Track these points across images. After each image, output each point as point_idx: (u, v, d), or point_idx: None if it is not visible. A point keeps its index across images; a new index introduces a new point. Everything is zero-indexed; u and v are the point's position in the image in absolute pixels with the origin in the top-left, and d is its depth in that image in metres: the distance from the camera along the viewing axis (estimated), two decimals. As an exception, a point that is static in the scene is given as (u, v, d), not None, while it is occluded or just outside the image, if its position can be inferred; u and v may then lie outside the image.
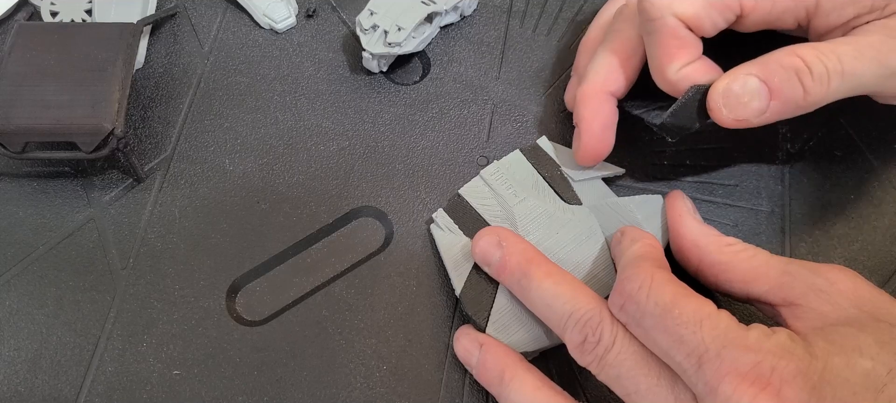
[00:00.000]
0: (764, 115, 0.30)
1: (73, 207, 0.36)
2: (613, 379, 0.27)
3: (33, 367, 0.32)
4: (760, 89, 0.30)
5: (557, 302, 0.28)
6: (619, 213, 0.33)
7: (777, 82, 0.29)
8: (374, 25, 0.38)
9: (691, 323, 0.25)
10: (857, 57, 0.29)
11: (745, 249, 0.29)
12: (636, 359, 0.27)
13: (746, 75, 0.30)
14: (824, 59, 0.29)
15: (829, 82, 0.29)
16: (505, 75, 0.40)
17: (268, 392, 0.32)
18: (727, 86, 0.30)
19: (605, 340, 0.27)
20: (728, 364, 0.24)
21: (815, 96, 0.29)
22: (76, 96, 0.35)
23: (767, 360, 0.24)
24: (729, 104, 0.30)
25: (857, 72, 0.29)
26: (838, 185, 0.36)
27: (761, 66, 0.30)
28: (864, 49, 0.30)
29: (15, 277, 0.34)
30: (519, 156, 0.36)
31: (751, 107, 0.30)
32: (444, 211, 0.35)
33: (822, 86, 0.29)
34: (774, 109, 0.30)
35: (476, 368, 0.30)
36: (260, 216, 0.36)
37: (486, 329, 0.31)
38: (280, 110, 0.39)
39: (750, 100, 0.30)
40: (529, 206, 0.34)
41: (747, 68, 0.30)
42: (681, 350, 0.25)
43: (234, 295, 0.34)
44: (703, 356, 0.24)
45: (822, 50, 0.30)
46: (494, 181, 0.35)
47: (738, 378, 0.24)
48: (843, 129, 0.38)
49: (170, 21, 0.42)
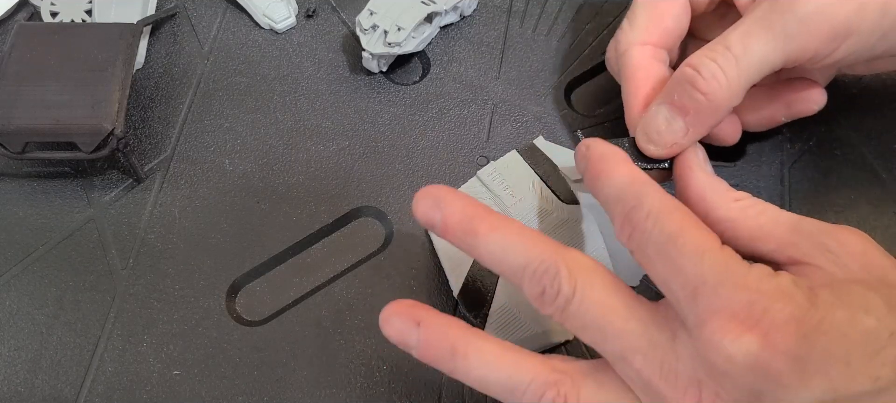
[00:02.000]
0: (688, 135, 0.30)
1: (73, 207, 0.36)
2: (579, 329, 0.26)
3: (33, 367, 0.32)
4: (669, 113, 0.30)
5: (509, 256, 0.27)
6: None
7: (678, 99, 0.30)
8: (373, 25, 0.38)
9: (693, 254, 0.24)
10: (745, 34, 0.29)
11: (754, 205, 0.28)
12: (600, 307, 0.25)
13: (656, 105, 0.31)
14: (712, 55, 0.29)
15: (725, 74, 0.29)
16: (505, 75, 0.40)
17: (268, 392, 0.32)
18: (643, 123, 0.31)
19: (565, 291, 0.25)
20: (721, 299, 0.23)
21: (718, 94, 0.29)
22: (76, 96, 0.35)
23: (761, 301, 0.23)
24: (653, 139, 0.31)
25: (751, 49, 0.29)
26: (838, 185, 0.36)
27: (665, 92, 0.31)
28: (750, 24, 0.29)
29: (15, 277, 0.34)
30: (515, 157, 0.36)
31: (672, 134, 0.30)
32: None
33: (718, 82, 0.29)
34: (693, 123, 0.30)
35: (417, 348, 0.27)
36: (260, 216, 0.36)
37: (484, 329, 0.31)
38: (280, 110, 0.39)
39: (667, 127, 0.30)
40: (527, 206, 0.34)
41: (658, 98, 0.31)
42: (678, 280, 0.24)
43: (234, 295, 0.34)
44: (699, 288, 0.24)
45: (711, 46, 0.30)
46: (491, 181, 0.35)
47: (728, 315, 0.23)
48: (843, 129, 0.37)
49: (170, 21, 0.42)
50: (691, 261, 0.24)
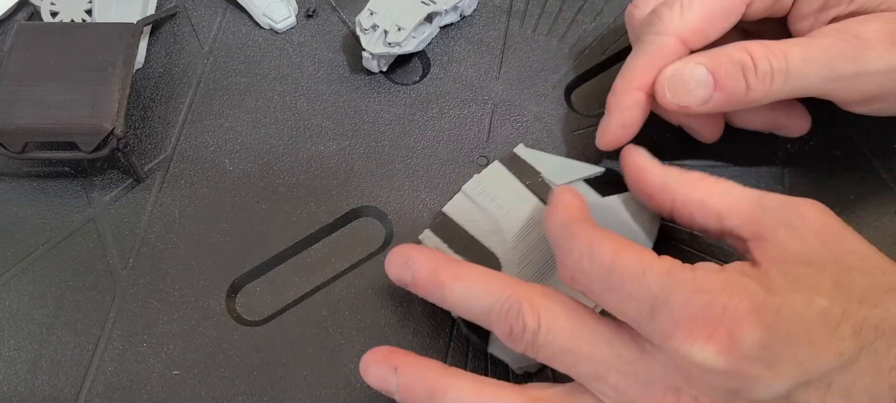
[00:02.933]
0: (706, 105, 0.31)
1: (73, 207, 0.36)
2: (551, 358, 0.27)
3: (33, 367, 0.32)
4: (706, 78, 0.31)
5: (473, 301, 0.28)
6: (605, 213, 0.33)
7: (723, 75, 0.30)
8: (374, 25, 0.38)
9: (635, 276, 0.25)
10: (805, 58, 0.30)
11: (717, 182, 0.29)
12: (566, 334, 0.26)
13: (696, 64, 0.31)
14: (771, 58, 0.30)
15: (772, 81, 0.30)
16: (505, 75, 0.40)
17: (268, 392, 0.32)
18: (676, 70, 0.31)
19: (530, 325, 0.26)
20: (678, 309, 0.24)
21: (757, 93, 0.30)
22: (76, 96, 0.35)
23: (717, 299, 0.24)
24: (674, 88, 0.31)
25: (803, 73, 0.30)
26: (838, 185, 0.36)
27: (711, 58, 0.31)
28: (814, 50, 0.30)
29: (15, 277, 0.34)
30: (498, 167, 0.35)
31: (694, 95, 0.31)
32: (431, 232, 0.34)
33: (764, 84, 0.30)
34: (717, 100, 0.31)
35: (398, 393, 0.28)
36: (260, 216, 0.36)
37: (488, 346, 0.31)
38: (280, 110, 0.39)
39: (695, 87, 0.31)
40: (516, 217, 0.34)
41: (697, 58, 0.31)
42: (631, 305, 0.25)
43: (234, 295, 0.34)
44: (654, 305, 0.24)
45: (772, 48, 0.30)
46: (477, 196, 0.35)
47: (689, 322, 0.24)
48: (843, 129, 0.37)
49: (170, 21, 0.42)
50: (635, 284, 0.25)
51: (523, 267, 0.32)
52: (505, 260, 0.33)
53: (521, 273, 0.32)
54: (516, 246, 0.33)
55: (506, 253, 0.33)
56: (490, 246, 0.33)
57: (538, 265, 0.33)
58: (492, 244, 0.33)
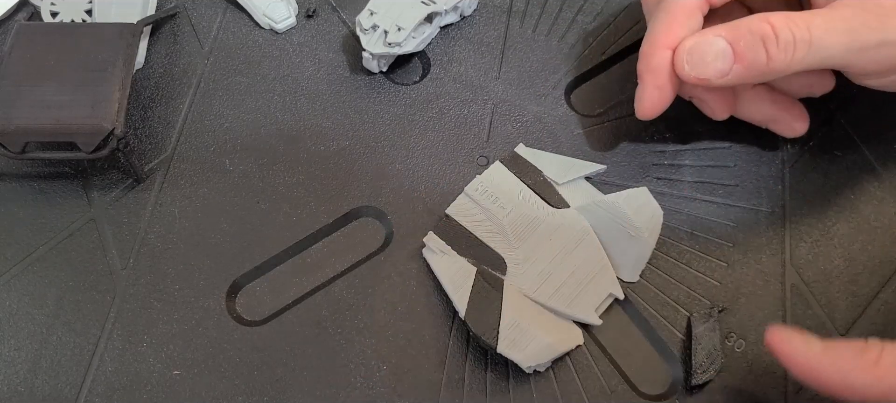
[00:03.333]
0: (726, 77, 0.31)
1: (73, 207, 0.36)
2: None
3: (33, 367, 0.32)
4: (726, 51, 0.30)
5: None
6: (608, 211, 0.33)
7: (742, 46, 0.30)
8: (374, 25, 0.38)
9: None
10: (828, 29, 0.29)
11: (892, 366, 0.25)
12: None
13: (715, 36, 0.30)
14: (793, 27, 0.29)
15: (795, 51, 0.30)
16: (505, 75, 0.40)
17: (268, 392, 0.32)
18: (695, 43, 0.31)
19: None
20: None
21: (778, 63, 0.30)
22: (76, 96, 0.35)
23: None
24: (692, 61, 0.31)
25: (826, 43, 0.30)
26: (838, 185, 0.36)
27: (730, 30, 0.30)
28: (837, 21, 0.30)
29: (15, 277, 0.34)
30: (500, 168, 0.35)
31: (713, 67, 0.31)
32: (434, 234, 0.34)
33: (787, 54, 0.30)
34: (737, 73, 0.30)
35: None
36: (260, 216, 0.36)
37: (497, 347, 0.31)
38: (280, 110, 0.39)
39: (714, 59, 0.30)
40: (518, 216, 0.34)
41: (717, 30, 0.31)
42: None
43: (234, 295, 0.34)
44: None
45: (793, 18, 0.30)
46: (479, 196, 0.35)
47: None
48: (843, 129, 0.38)
49: (170, 21, 0.42)
50: None
51: (527, 267, 0.32)
52: (510, 260, 0.33)
53: (524, 272, 0.32)
54: (520, 246, 0.33)
55: (510, 253, 0.33)
56: (494, 247, 0.33)
57: (542, 264, 0.33)
58: (496, 244, 0.33)
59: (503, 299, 0.32)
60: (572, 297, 0.32)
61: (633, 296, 0.33)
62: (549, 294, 0.32)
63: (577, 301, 0.32)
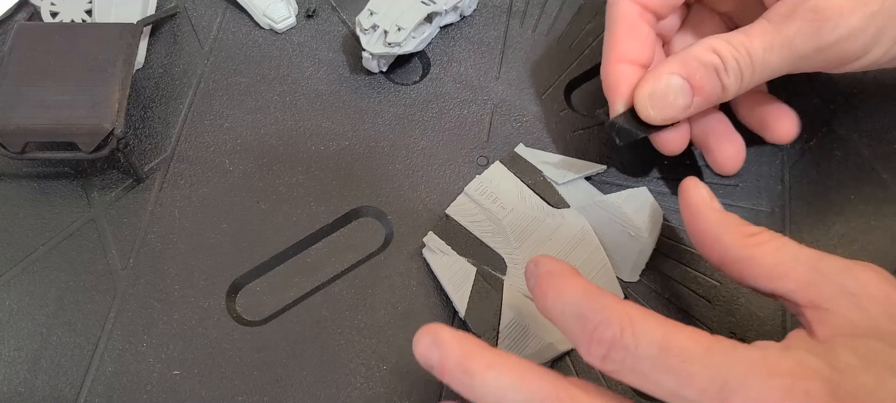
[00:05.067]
0: (688, 110, 0.31)
1: (73, 207, 0.36)
2: None
3: (33, 367, 0.32)
4: (684, 87, 0.31)
5: (508, 395, 0.25)
6: (607, 211, 0.33)
7: (698, 79, 0.31)
8: (373, 25, 0.38)
9: (698, 356, 0.23)
10: (767, 48, 0.30)
11: (772, 240, 0.27)
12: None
13: (669, 75, 0.31)
14: (737, 55, 0.30)
15: (742, 75, 0.31)
16: (505, 75, 0.40)
17: (268, 392, 0.32)
18: (652, 88, 0.31)
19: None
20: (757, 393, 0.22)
21: (732, 89, 0.31)
22: (76, 96, 0.35)
23: (798, 384, 0.22)
24: (656, 105, 0.31)
25: (769, 61, 0.30)
26: (838, 185, 0.36)
27: (682, 65, 0.31)
28: (774, 37, 0.30)
29: (15, 277, 0.34)
30: (500, 168, 0.36)
31: (676, 105, 0.31)
32: (434, 234, 0.34)
33: (736, 80, 0.31)
34: (697, 104, 0.31)
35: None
36: (260, 216, 0.36)
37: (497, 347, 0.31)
38: (280, 110, 0.39)
39: (675, 98, 0.31)
40: (518, 216, 0.34)
41: (669, 67, 0.31)
42: (693, 387, 0.23)
43: (234, 295, 0.34)
44: (724, 389, 0.22)
45: (735, 44, 0.30)
46: (479, 196, 0.35)
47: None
48: (843, 129, 0.38)
49: (170, 21, 0.42)
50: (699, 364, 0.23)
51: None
52: (509, 260, 0.33)
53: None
54: (520, 246, 0.33)
55: (510, 253, 0.33)
56: (494, 247, 0.33)
57: None
58: (496, 244, 0.33)
59: (503, 299, 0.32)
60: None
61: (633, 296, 0.33)
62: None
63: None
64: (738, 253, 0.27)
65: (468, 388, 0.25)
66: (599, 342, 0.24)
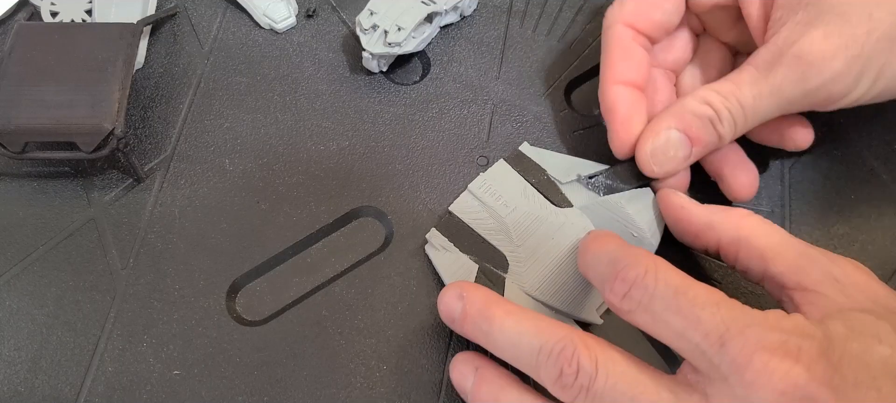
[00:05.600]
0: (688, 161, 0.33)
1: (73, 207, 0.36)
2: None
3: (33, 367, 0.32)
4: (682, 139, 0.32)
5: (523, 339, 0.27)
6: (610, 211, 0.33)
7: (696, 131, 0.32)
8: (374, 25, 0.38)
9: (708, 304, 0.25)
10: (756, 96, 0.31)
11: (762, 224, 0.29)
12: (626, 382, 0.25)
13: (667, 130, 0.32)
14: (728, 105, 0.31)
15: (735, 124, 0.32)
16: (505, 75, 0.40)
17: (268, 392, 0.32)
18: (653, 146, 0.32)
19: (586, 368, 0.25)
20: (754, 341, 0.24)
21: (728, 137, 0.32)
22: (76, 96, 0.35)
23: (793, 340, 0.24)
24: (658, 161, 0.33)
25: (759, 108, 0.31)
26: (838, 185, 0.36)
27: (678, 119, 0.32)
28: (762, 85, 0.31)
29: (15, 277, 0.34)
30: (504, 166, 0.36)
31: (678, 158, 0.32)
32: (437, 231, 0.34)
33: (730, 128, 0.32)
34: (696, 153, 0.33)
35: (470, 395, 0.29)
36: (260, 216, 0.36)
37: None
38: (280, 110, 0.39)
39: (675, 152, 0.32)
40: (521, 215, 0.34)
41: (666, 122, 0.32)
42: (699, 330, 0.24)
43: (234, 295, 0.34)
44: (725, 335, 0.24)
45: (726, 94, 0.31)
46: (483, 194, 0.35)
47: (768, 353, 0.23)
48: (844, 129, 0.38)
49: (170, 21, 0.42)
50: (708, 311, 0.25)
51: (529, 265, 0.32)
52: (512, 258, 0.33)
53: (527, 271, 0.32)
54: (522, 244, 0.33)
55: (512, 251, 0.33)
56: (496, 245, 0.33)
57: (544, 263, 0.33)
58: (498, 242, 0.33)
59: (504, 296, 0.32)
60: (574, 297, 0.32)
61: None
62: (551, 293, 0.32)
63: (579, 300, 0.32)
64: (733, 234, 0.30)
65: (486, 335, 0.28)
66: (624, 280, 0.26)
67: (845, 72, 0.30)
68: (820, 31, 0.30)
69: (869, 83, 0.30)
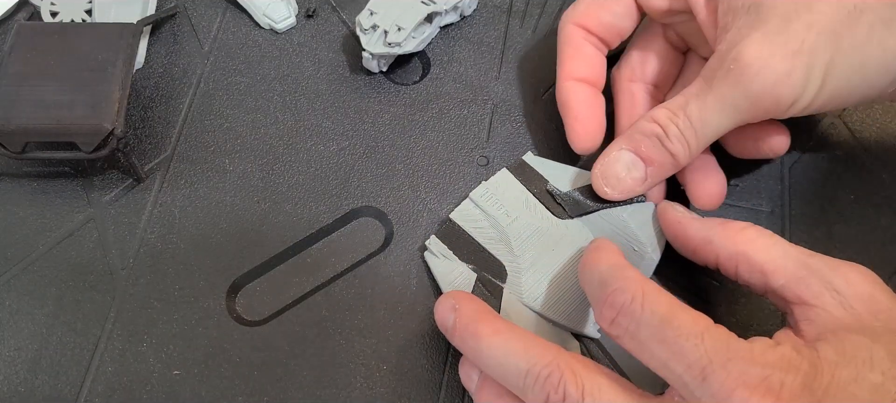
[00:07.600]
0: (646, 182, 0.32)
1: (73, 207, 0.36)
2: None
3: (33, 367, 0.32)
4: (634, 160, 0.32)
5: (511, 360, 0.27)
6: (612, 224, 0.33)
7: (645, 151, 0.31)
8: (374, 25, 0.38)
9: (692, 335, 0.24)
10: (703, 110, 0.30)
11: (761, 235, 0.29)
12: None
13: (618, 151, 0.32)
14: (675, 120, 0.31)
15: (686, 140, 0.31)
16: (505, 75, 0.40)
17: (268, 392, 0.32)
18: (602, 167, 0.32)
19: (573, 395, 0.25)
20: (736, 376, 0.23)
21: (682, 155, 0.31)
22: (76, 96, 0.35)
23: (776, 375, 0.23)
24: (610, 183, 0.32)
25: (707, 122, 0.30)
26: (838, 185, 0.36)
27: (628, 139, 0.32)
28: (708, 100, 0.30)
29: (15, 277, 0.34)
30: (507, 175, 0.35)
31: (632, 179, 0.32)
32: (436, 238, 0.34)
33: (683, 145, 0.31)
34: (653, 173, 0.32)
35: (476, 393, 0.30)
36: (260, 216, 0.36)
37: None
38: (280, 110, 0.39)
39: (627, 173, 0.32)
40: (522, 225, 0.33)
41: (617, 144, 0.32)
42: (682, 362, 0.24)
43: (234, 295, 0.34)
44: (707, 368, 0.24)
45: (674, 109, 0.31)
46: (485, 203, 0.34)
47: (748, 389, 0.23)
48: (843, 129, 0.38)
49: (170, 21, 0.42)
50: (692, 342, 0.24)
51: (528, 276, 0.32)
52: (511, 268, 0.33)
53: (525, 282, 0.32)
54: (522, 255, 0.33)
55: (512, 261, 0.33)
56: (496, 254, 0.33)
57: (543, 274, 0.32)
58: (497, 252, 0.33)
59: (502, 307, 0.32)
60: (571, 309, 0.32)
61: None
62: (549, 304, 0.32)
63: (576, 313, 0.32)
64: (733, 249, 0.29)
65: (474, 351, 0.28)
66: (612, 305, 0.26)
67: (789, 73, 0.28)
68: (759, 33, 0.29)
69: (818, 83, 0.29)
